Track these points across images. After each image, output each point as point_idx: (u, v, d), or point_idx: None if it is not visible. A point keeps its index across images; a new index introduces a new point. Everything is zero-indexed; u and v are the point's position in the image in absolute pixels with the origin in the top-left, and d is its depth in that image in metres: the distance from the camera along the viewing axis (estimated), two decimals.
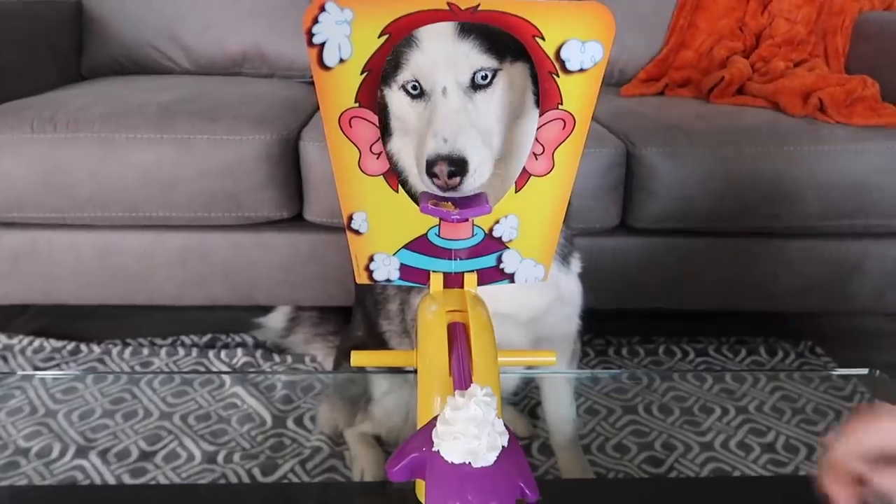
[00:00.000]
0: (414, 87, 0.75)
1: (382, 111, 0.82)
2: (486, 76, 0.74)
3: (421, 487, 0.52)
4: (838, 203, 1.43)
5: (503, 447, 0.48)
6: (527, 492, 0.48)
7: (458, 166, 0.68)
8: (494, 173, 0.74)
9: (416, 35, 0.72)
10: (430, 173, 0.68)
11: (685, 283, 1.54)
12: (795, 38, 1.83)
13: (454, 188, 0.69)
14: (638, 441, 1.24)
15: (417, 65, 0.73)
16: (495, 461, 0.47)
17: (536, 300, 0.89)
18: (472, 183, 0.69)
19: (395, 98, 0.78)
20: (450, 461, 0.47)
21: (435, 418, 0.50)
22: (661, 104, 1.70)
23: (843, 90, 1.49)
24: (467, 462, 0.47)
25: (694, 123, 1.48)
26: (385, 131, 0.83)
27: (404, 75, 0.75)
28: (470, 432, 0.47)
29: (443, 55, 0.72)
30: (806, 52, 1.83)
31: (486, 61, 0.74)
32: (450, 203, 0.67)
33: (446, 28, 0.72)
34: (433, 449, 0.48)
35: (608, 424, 1.27)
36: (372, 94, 0.58)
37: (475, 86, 0.74)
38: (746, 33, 1.88)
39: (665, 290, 1.55)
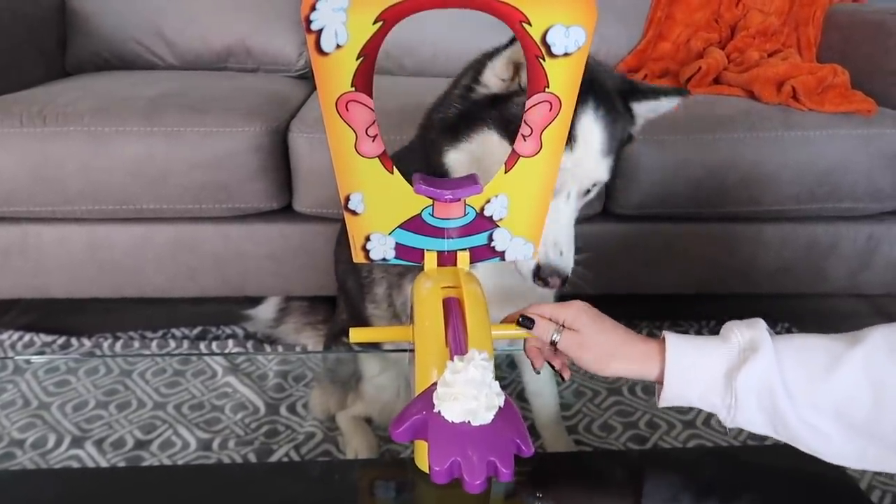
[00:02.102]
0: None
1: (466, 120, 0.85)
2: (595, 186, 0.84)
3: (420, 451, 0.55)
4: (811, 187, 1.47)
5: (500, 407, 0.51)
6: (522, 448, 0.51)
7: (565, 278, 0.79)
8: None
9: (575, 133, 0.79)
10: (538, 276, 0.78)
11: (666, 268, 1.58)
12: (769, 29, 1.88)
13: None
14: (623, 420, 1.27)
15: (561, 166, 0.76)
16: (493, 420, 0.51)
17: (510, 279, 0.89)
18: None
19: (503, 144, 0.81)
20: (450, 420, 0.50)
21: (434, 384, 0.53)
22: None
23: (814, 78, 1.53)
24: (467, 421, 0.50)
25: (672, 112, 1.52)
26: (450, 138, 0.86)
27: None
28: (469, 393, 0.50)
29: (588, 167, 0.81)
30: (779, 42, 1.88)
31: (607, 177, 0.83)
32: None
33: (597, 143, 0.80)
34: (434, 410, 0.51)
35: (594, 405, 1.30)
36: (367, 79, 0.60)
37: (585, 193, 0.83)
38: (722, 25, 1.93)
39: (646, 274, 1.59)
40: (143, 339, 1.58)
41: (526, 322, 0.71)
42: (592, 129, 0.80)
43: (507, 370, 1.35)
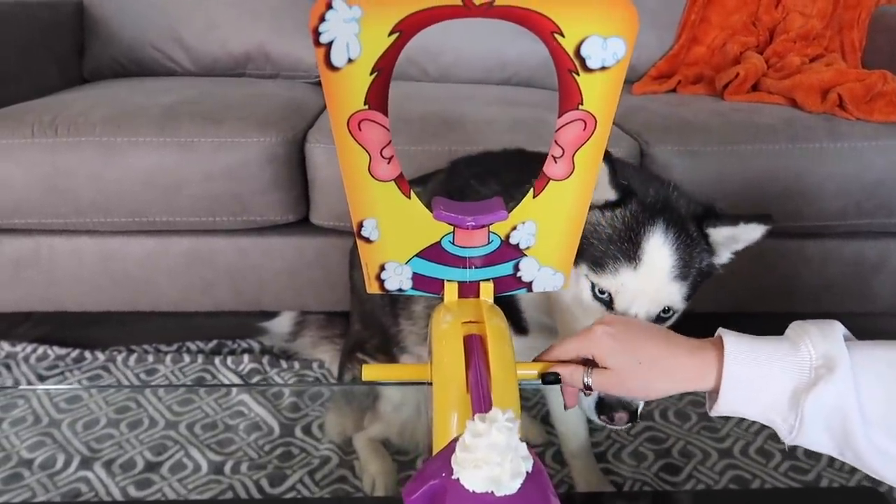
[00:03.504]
0: (601, 291, 0.76)
1: None
2: (670, 312, 0.77)
3: None
4: (858, 201, 1.40)
5: (527, 473, 0.45)
6: None
7: (634, 412, 0.70)
8: None
9: (641, 252, 0.74)
10: (602, 411, 0.70)
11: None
12: (811, 33, 1.79)
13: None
14: (655, 448, 1.22)
15: (623, 283, 0.74)
16: (519, 488, 0.44)
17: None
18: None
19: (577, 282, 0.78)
20: (471, 490, 0.44)
21: (454, 441, 0.47)
22: (675, 101, 1.67)
23: (862, 85, 1.46)
24: (490, 491, 0.44)
25: (709, 121, 1.45)
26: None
27: (603, 280, 0.75)
28: (492, 459, 0.43)
29: (653, 290, 0.74)
30: (822, 46, 1.79)
31: (681, 304, 0.76)
32: None
33: (666, 266, 0.74)
34: (453, 477, 0.45)
35: (624, 431, 1.24)
36: (382, 96, 0.55)
37: (657, 318, 0.76)
38: (760, 28, 1.85)
39: None
40: (158, 352, 1.54)
41: (551, 378, 0.65)
42: (661, 251, 0.75)
43: (530, 392, 1.29)
